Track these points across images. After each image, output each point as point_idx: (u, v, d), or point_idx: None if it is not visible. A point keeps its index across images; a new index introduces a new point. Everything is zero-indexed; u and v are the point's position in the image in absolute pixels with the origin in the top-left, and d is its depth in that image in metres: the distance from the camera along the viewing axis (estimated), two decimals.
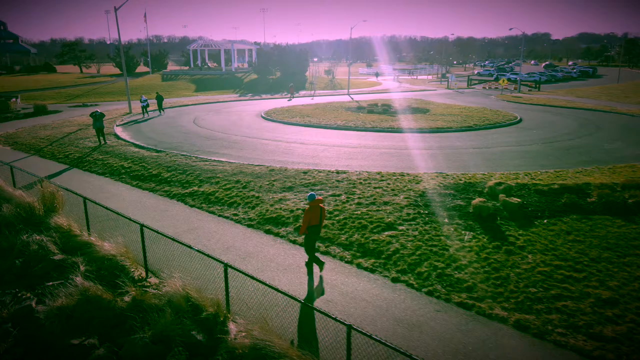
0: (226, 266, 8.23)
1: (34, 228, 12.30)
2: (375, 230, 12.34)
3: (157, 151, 21.73)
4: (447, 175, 16.85)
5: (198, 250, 9.11)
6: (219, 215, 14.03)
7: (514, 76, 72.72)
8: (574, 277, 9.81)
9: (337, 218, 13.18)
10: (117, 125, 29.46)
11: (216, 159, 19.96)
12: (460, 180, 16.12)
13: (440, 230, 12.14)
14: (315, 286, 9.95)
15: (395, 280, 10.08)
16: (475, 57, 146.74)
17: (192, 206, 14.94)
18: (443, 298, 9.32)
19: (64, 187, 13.47)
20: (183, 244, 9.35)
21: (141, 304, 8.80)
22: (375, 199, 14.49)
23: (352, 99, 48.08)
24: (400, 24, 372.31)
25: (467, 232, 11.92)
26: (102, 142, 23.80)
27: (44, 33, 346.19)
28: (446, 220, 12.76)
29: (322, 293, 9.65)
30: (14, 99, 41.01)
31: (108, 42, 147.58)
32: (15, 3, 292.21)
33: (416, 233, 12.06)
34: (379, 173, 17.29)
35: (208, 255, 8.61)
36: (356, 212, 13.52)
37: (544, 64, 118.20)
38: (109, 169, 19.18)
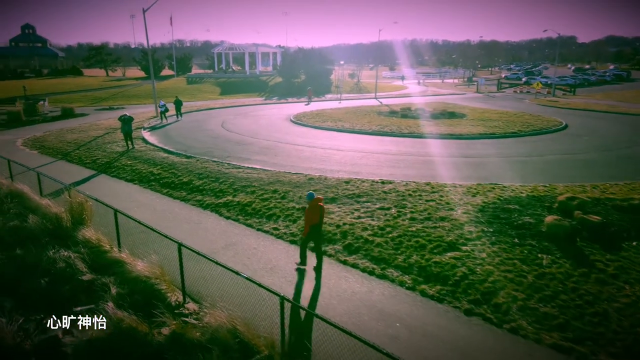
0: (283, 299, 6.94)
1: (61, 242, 11.27)
2: (435, 251, 10.94)
3: (187, 157, 20.73)
4: (505, 187, 15.31)
5: (255, 282, 7.85)
6: (258, 229, 12.83)
7: (544, 80, 70.16)
8: None
9: (390, 235, 11.81)
10: (144, 129, 28.70)
11: (250, 165, 18.82)
12: (522, 193, 14.57)
13: (512, 252, 10.66)
14: (366, 315, 8.60)
15: (469, 312, 8.67)
16: (501, 61, 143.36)
17: (227, 218, 13.78)
18: (532, 338, 7.86)
19: (93, 197, 12.46)
20: (232, 270, 8.11)
21: (181, 338, 7.61)
22: (429, 213, 13.08)
23: (381, 102, 46.67)
24: (421, 27, 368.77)
25: (545, 256, 10.41)
26: (130, 146, 22.96)
27: (71, 37, 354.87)
28: (516, 240, 11.27)
29: (387, 326, 8.31)
30: (41, 102, 40.88)
31: (133, 46, 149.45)
32: (44, 8, 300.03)
33: (484, 255, 10.61)
34: (428, 184, 15.86)
35: (263, 287, 7.31)
36: (410, 229, 12.14)
37: (573, 68, 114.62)
38: (137, 176, 18.23)
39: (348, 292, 9.54)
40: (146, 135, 26.74)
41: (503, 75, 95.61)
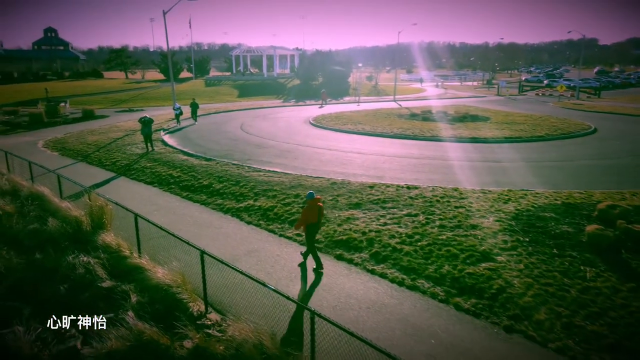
0: (313, 314, 6.48)
1: (80, 247, 11.00)
2: (468, 261, 10.35)
3: (207, 159, 20.45)
4: (538, 193, 14.61)
5: (283, 295, 7.41)
6: (280, 235, 12.40)
7: (567, 82, 68.56)
8: None
9: (419, 244, 11.26)
10: (163, 131, 28.60)
11: (270, 169, 18.43)
12: (556, 200, 13.86)
13: (552, 264, 10.01)
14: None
15: (509, 329, 8.08)
16: (521, 63, 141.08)
17: (248, 223, 13.39)
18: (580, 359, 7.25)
19: (113, 201, 12.19)
20: (259, 281, 7.65)
21: (204, 353, 7.20)
22: (460, 221, 12.48)
23: (400, 105, 46.00)
24: (438, 30, 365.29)
25: (588, 268, 9.74)
26: (150, 148, 22.82)
27: (92, 40, 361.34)
28: (555, 250, 10.61)
29: (421, 342, 7.77)
30: (63, 104, 41.33)
31: (151, 49, 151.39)
32: (67, 12, 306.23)
33: (521, 266, 9.99)
34: (455, 189, 15.25)
35: (293, 300, 6.85)
36: (440, 237, 11.56)
37: (595, 70, 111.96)
38: (157, 178, 18.00)
39: (377, 304, 9.02)
40: (165, 137, 26.62)
41: (523, 78, 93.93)
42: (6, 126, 32.25)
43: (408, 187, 15.47)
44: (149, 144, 22.93)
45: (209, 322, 8.35)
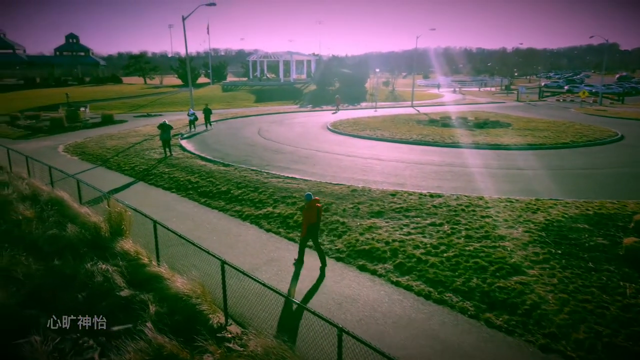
0: (341, 331, 6.13)
1: (99, 253, 10.84)
2: (498, 274, 9.89)
3: (225, 165, 20.29)
4: (568, 203, 14.03)
5: (309, 310, 7.09)
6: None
7: (589, 88, 67.10)
8: None
9: (445, 255, 10.83)
10: (181, 137, 28.62)
11: (289, 175, 18.15)
12: (588, 210, 13.28)
13: (588, 279, 9.49)
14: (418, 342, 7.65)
15: (545, 349, 7.61)
16: (540, 69, 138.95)
17: (268, 230, 13.12)
18: None
19: (132, 207, 12.03)
20: (284, 295, 7.38)
21: None
22: (487, 231, 12.01)
23: (418, 111, 45.47)
24: (454, 35, 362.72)
25: (628, 284, 9.20)
26: (168, 153, 22.79)
27: (112, 46, 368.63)
28: (590, 264, 10.08)
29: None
30: (82, 109, 41.84)
31: (169, 55, 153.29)
32: (87, 19, 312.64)
33: (555, 281, 9.49)
34: (480, 198, 14.76)
35: (321, 317, 6.50)
36: (467, 248, 11.11)
37: (617, 76, 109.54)
38: (175, 184, 17.88)
39: (404, 318, 8.63)
40: (183, 142, 26.61)
41: (542, 84, 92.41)
42: (28, 130, 32.69)
43: (431, 195, 15.03)
44: (167, 149, 22.90)
45: (229, 335, 8.06)
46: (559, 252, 10.67)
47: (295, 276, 10.38)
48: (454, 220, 12.79)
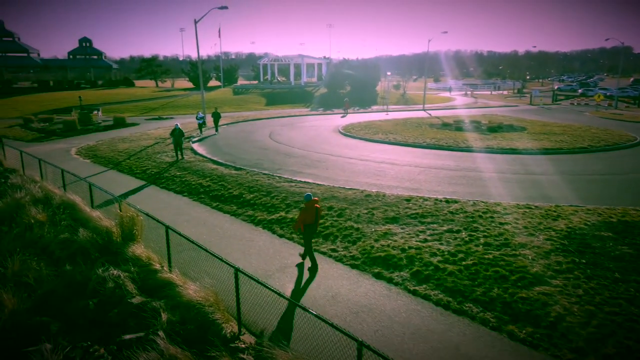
0: (361, 346, 5.86)
1: (110, 258, 10.70)
2: (520, 284, 9.54)
3: (237, 169, 20.12)
4: (590, 210, 13.61)
5: (328, 323, 6.81)
6: (314, 250, 11.80)
7: (604, 91, 66.06)
8: None
9: (463, 263, 10.50)
10: (193, 140, 28.57)
11: (302, 179, 17.92)
12: (611, 217, 12.85)
13: (616, 290, 9.11)
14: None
15: None
16: (553, 72, 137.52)
17: (280, 236, 12.89)
18: None
19: (144, 212, 11.87)
20: (302, 307, 7.10)
21: None
22: (506, 239, 11.65)
23: (430, 114, 45.05)
24: (465, 38, 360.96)
25: None
26: (180, 157, 22.71)
27: (124, 50, 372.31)
28: (617, 275, 9.69)
29: None
30: (95, 112, 42.06)
31: (181, 58, 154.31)
32: (100, 23, 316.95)
33: (580, 292, 9.12)
34: (498, 204, 14.39)
35: (339, 329, 6.22)
36: (487, 256, 10.77)
37: (632, 79, 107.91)
38: (187, 187, 17.74)
39: (423, 329, 8.33)
40: (195, 145, 26.54)
41: (556, 87, 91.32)
42: (41, 133, 32.91)
43: (447, 201, 14.70)
44: (179, 152, 22.83)
45: (243, 346, 7.82)
46: (583, 261, 10.29)
47: (308, 283, 10.12)
48: (471, 227, 12.45)
